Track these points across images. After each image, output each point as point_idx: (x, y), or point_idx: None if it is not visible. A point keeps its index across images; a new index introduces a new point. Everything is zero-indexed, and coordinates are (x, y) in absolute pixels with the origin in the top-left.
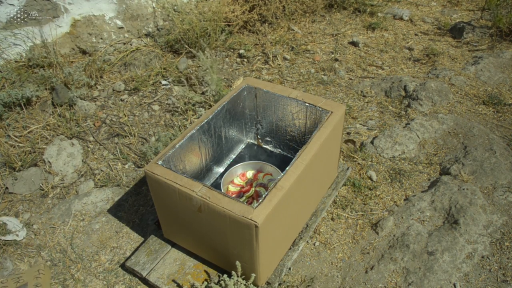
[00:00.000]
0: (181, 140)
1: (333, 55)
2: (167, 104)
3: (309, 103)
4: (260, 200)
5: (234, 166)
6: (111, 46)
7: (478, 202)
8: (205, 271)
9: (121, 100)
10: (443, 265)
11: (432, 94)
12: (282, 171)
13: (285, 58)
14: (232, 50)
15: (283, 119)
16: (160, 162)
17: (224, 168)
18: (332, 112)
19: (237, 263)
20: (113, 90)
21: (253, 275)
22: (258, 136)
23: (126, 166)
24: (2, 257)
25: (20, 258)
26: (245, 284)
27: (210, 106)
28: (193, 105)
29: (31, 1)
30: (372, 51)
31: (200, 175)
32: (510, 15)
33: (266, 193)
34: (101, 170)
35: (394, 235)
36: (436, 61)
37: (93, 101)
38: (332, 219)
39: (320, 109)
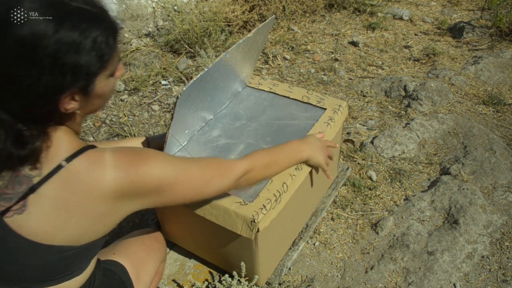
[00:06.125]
0: None
1: (333, 55)
2: (167, 104)
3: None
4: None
5: None
6: None
7: (478, 202)
8: (206, 271)
9: (121, 100)
10: (443, 265)
11: (432, 94)
12: None
13: (285, 58)
14: None
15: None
16: None
17: None
18: None
19: (242, 263)
20: None
21: (256, 276)
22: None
23: None
24: None
25: None
26: (247, 285)
27: None
28: None
29: None
30: (372, 51)
31: None
32: (510, 15)
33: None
34: None
35: (394, 235)
36: (436, 61)
37: None
38: (332, 219)
39: None
